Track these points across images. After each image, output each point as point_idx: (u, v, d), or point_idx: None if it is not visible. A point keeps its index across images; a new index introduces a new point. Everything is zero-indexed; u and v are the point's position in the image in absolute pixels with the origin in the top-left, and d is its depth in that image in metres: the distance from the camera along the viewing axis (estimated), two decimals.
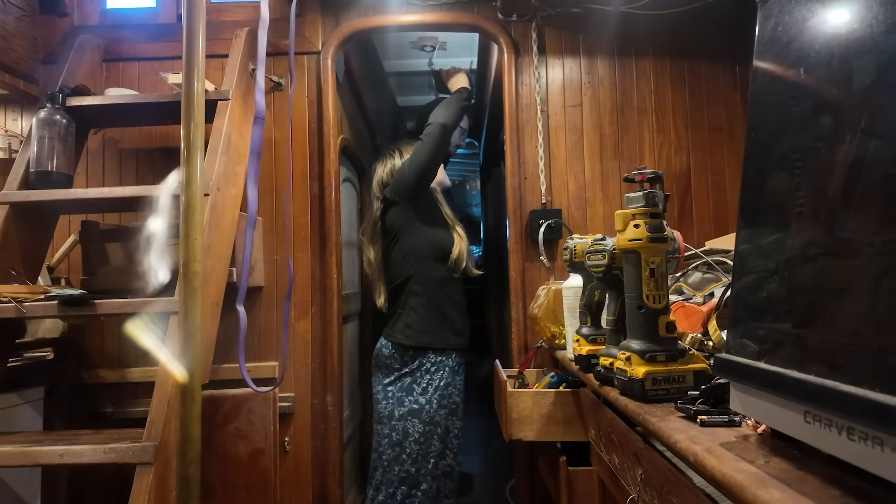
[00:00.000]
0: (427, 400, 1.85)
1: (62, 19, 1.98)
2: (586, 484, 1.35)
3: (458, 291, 1.98)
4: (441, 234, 1.94)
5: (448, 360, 1.90)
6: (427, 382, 1.87)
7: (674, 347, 0.88)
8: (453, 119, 1.90)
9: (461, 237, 1.95)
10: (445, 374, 1.88)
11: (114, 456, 1.21)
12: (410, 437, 1.83)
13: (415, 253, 1.91)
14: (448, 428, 1.93)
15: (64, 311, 1.37)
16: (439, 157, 1.91)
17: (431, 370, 1.88)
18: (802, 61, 0.63)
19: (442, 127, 1.86)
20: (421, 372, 1.87)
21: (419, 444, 1.82)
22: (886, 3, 0.50)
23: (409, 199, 1.92)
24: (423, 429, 1.83)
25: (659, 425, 0.74)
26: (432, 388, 1.86)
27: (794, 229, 0.58)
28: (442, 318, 1.90)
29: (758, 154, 0.68)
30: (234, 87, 1.67)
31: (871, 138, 0.50)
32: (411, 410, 1.84)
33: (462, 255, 1.93)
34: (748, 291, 0.65)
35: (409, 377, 1.87)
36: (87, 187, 1.93)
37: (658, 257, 0.88)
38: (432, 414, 1.84)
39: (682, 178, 1.92)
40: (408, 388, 1.86)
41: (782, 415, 0.55)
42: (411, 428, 1.83)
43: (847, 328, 0.48)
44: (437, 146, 1.88)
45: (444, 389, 1.87)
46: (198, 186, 1.16)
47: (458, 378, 1.97)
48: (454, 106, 1.92)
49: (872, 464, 0.44)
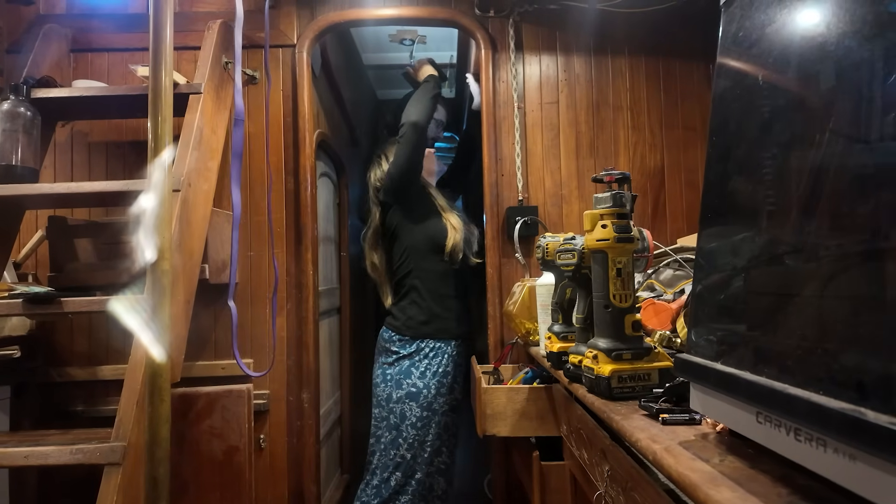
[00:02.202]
0: (425, 384, 1.88)
1: (28, 8, 1.91)
2: (558, 478, 1.37)
3: (460, 282, 2.01)
4: (434, 227, 1.96)
5: (447, 347, 1.94)
6: (426, 367, 1.90)
7: (640, 346, 0.89)
8: (423, 113, 1.92)
9: (455, 228, 1.96)
10: (444, 361, 1.92)
11: (81, 457, 1.19)
12: (408, 421, 1.86)
13: (412, 249, 1.96)
14: (447, 425, 1.94)
15: (29, 309, 1.34)
16: (418, 155, 1.93)
17: (430, 355, 1.91)
18: (762, 66, 0.64)
19: (413, 126, 1.89)
20: (420, 356, 1.91)
21: (416, 428, 1.85)
22: (843, 10, 0.51)
23: (399, 201, 1.98)
24: (421, 413, 1.86)
25: (622, 423, 0.75)
26: (430, 373, 1.89)
27: (750, 233, 0.59)
28: (442, 310, 1.94)
29: (718, 157, 0.69)
30: (207, 80, 1.64)
31: (824, 145, 0.51)
32: (409, 394, 1.87)
33: (457, 246, 1.94)
34: (707, 292, 0.66)
35: (407, 360, 1.91)
36: (54, 181, 1.89)
37: (625, 257, 0.89)
38: (430, 400, 1.87)
39: (657, 176, 1.94)
40: (406, 371, 1.90)
41: (737, 415, 0.57)
42: (409, 411, 1.86)
43: (796, 332, 0.49)
44: (413, 145, 1.90)
45: (442, 377, 1.91)
46: (166, 182, 1.14)
47: (459, 371, 1.98)
48: (423, 99, 1.95)
49: (817, 464, 0.45)
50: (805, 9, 0.57)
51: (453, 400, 1.97)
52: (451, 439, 1.97)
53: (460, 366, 2.00)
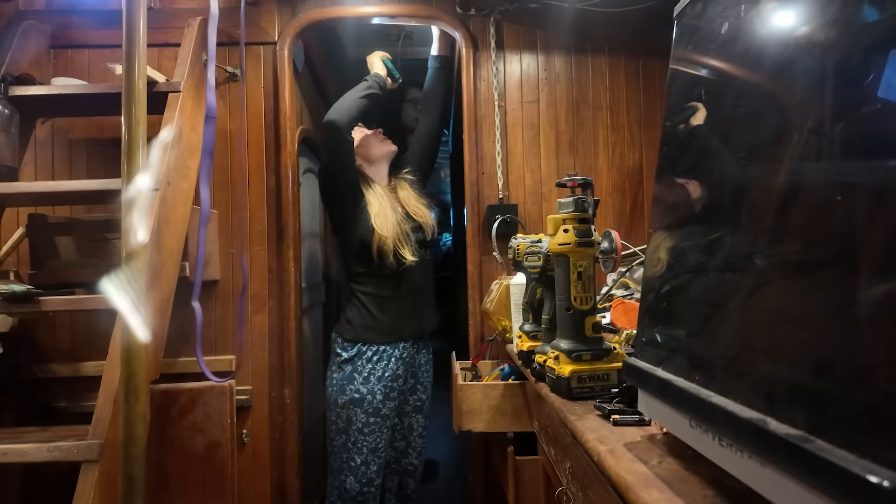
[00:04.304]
0: (369, 390, 1.78)
1: (7, 4, 1.90)
2: (532, 472, 1.40)
3: (414, 279, 1.86)
4: (364, 228, 1.79)
5: (393, 351, 1.83)
6: (369, 371, 1.80)
7: (599, 347, 0.91)
8: (345, 111, 1.75)
9: (381, 227, 1.77)
10: (392, 365, 1.82)
11: (58, 454, 1.21)
12: (354, 427, 1.78)
13: (348, 252, 1.86)
14: (411, 426, 1.95)
15: (6, 307, 1.35)
16: (334, 154, 1.78)
17: (374, 359, 1.81)
18: (708, 77, 0.66)
19: (327, 124, 1.74)
20: (362, 361, 1.81)
21: (364, 434, 1.78)
22: (778, 32, 0.53)
23: (330, 203, 1.89)
24: (367, 419, 1.78)
25: (576, 424, 0.78)
26: (374, 378, 1.80)
27: (688, 243, 0.61)
28: (384, 313, 1.82)
29: (665, 167, 0.71)
30: (186, 78, 1.65)
31: (756, 161, 0.53)
32: (353, 399, 1.78)
33: (384, 248, 1.77)
34: (653, 299, 0.68)
35: (349, 365, 1.81)
36: (35, 178, 1.89)
37: (585, 261, 0.91)
38: (377, 405, 1.79)
39: (635, 175, 1.96)
40: (349, 377, 1.80)
41: (674, 419, 0.59)
42: (354, 417, 1.78)
43: (722, 341, 0.52)
44: (327, 145, 1.80)
45: (390, 381, 1.82)
46: (141, 181, 1.15)
47: (421, 372, 1.96)
48: (351, 96, 1.79)
49: (738, 469, 0.48)
50: (748, 25, 0.59)
51: (417, 401, 1.95)
52: (417, 440, 1.96)
53: (421, 366, 1.95)
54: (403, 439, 1.96)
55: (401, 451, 1.97)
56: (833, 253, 0.40)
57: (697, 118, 0.65)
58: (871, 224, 0.36)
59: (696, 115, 0.65)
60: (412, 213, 1.88)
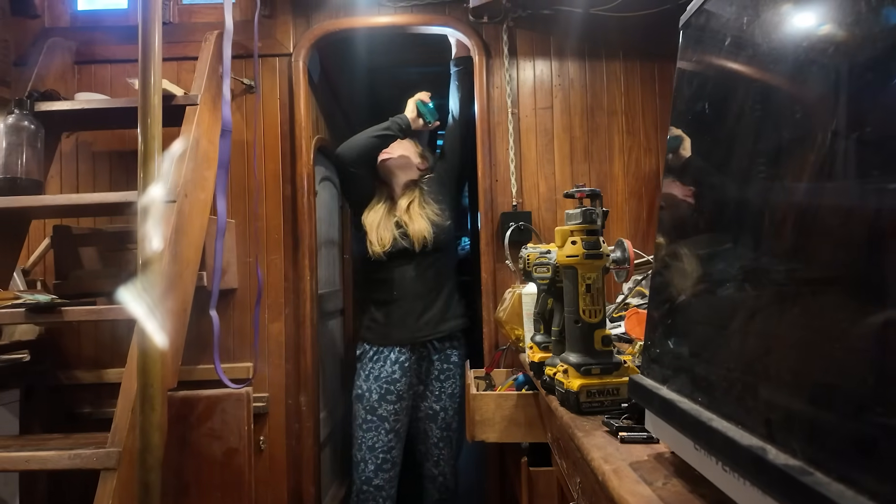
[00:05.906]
0: (368, 388, 1.90)
1: (33, 21, 1.97)
2: (546, 484, 1.38)
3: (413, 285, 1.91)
4: (361, 233, 1.99)
5: (390, 354, 1.91)
6: (369, 370, 1.92)
7: (609, 360, 0.90)
8: (354, 149, 1.93)
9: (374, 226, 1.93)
10: (388, 367, 1.90)
11: (79, 461, 1.24)
12: (357, 421, 1.92)
13: (358, 258, 2.10)
14: (426, 432, 1.95)
15: (31, 318, 1.39)
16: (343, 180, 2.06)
17: (374, 359, 1.93)
18: (713, 91, 0.65)
19: (336, 157, 1.99)
20: (365, 359, 1.95)
21: (363, 430, 1.89)
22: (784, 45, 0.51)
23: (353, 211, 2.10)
24: (365, 416, 1.89)
25: (583, 440, 0.76)
26: (372, 377, 1.90)
27: (694, 260, 0.60)
28: (382, 317, 1.94)
29: (672, 181, 0.70)
30: (203, 91, 1.68)
31: (757, 179, 0.52)
32: (356, 395, 1.93)
33: (377, 247, 1.90)
34: (659, 315, 0.67)
35: (358, 362, 1.98)
36: (61, 190, 1.94)
37: (594, 273, 0.90)
38: (373, 404, 1.88)
39: (652, 180, 1.93)
40: (357, 373, 1.97)
41: (679, 440, 0.58)
42: (357, 412, 1.92)
43: (725, 363, 0.50)
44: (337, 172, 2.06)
45: (386, 383, 1.88)
46: (157, 194, 1.17)
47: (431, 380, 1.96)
48: (363, 134, 1.95)
49: (740, 496, 0.46)
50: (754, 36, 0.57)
51: (429, 409, 1.96)
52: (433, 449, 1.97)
53: (433, 374, 1.96)
54: (422, 443, 1.99)
55: (422, 455, 2.00)
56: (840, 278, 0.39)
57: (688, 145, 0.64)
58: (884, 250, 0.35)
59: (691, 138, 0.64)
60: (402, 221, 1.94)
